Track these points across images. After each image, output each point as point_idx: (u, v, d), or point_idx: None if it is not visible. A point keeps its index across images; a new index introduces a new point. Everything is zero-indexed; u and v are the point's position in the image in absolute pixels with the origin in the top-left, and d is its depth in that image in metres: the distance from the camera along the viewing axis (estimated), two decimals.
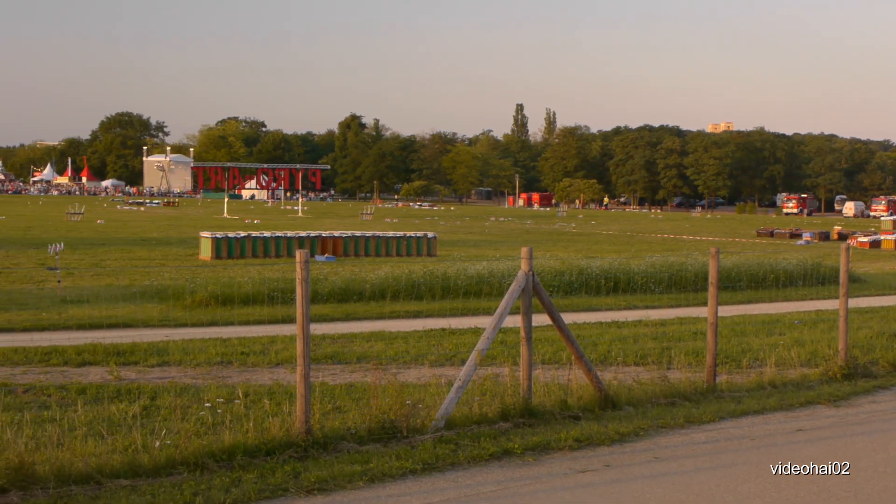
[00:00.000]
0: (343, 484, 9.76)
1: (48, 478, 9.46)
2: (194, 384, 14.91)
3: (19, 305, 24.24)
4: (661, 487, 9.95)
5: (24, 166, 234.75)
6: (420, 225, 79.09)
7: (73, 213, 79.23)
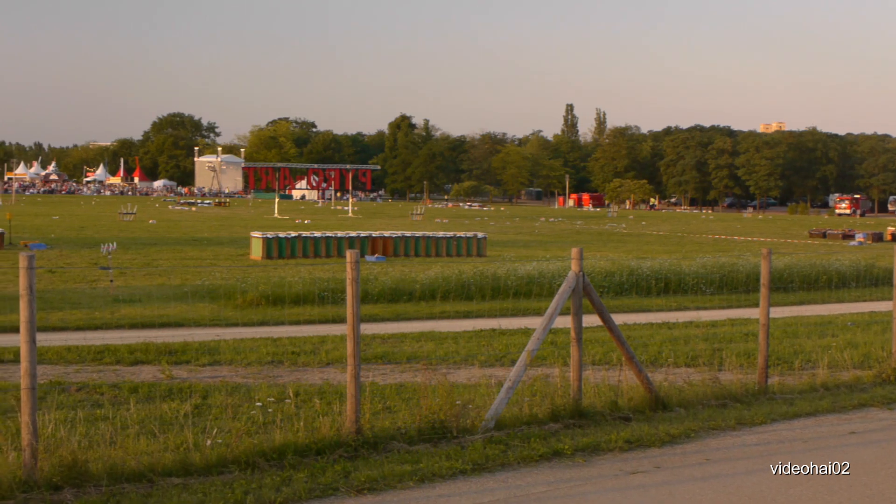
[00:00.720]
0: (393, 484, 9.77)
1: (101, 475, 9.52)
2: (245, 383, 14.99)
3: (73, 304, 24.44)
4: (711, 490, 9.90)
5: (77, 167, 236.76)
6: (470, 225, 79.11)
7: (126, 213, 79.81)
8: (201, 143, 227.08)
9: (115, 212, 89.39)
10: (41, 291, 24.28)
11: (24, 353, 9.45)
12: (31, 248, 43.11)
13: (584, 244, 39.07)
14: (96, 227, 66.46)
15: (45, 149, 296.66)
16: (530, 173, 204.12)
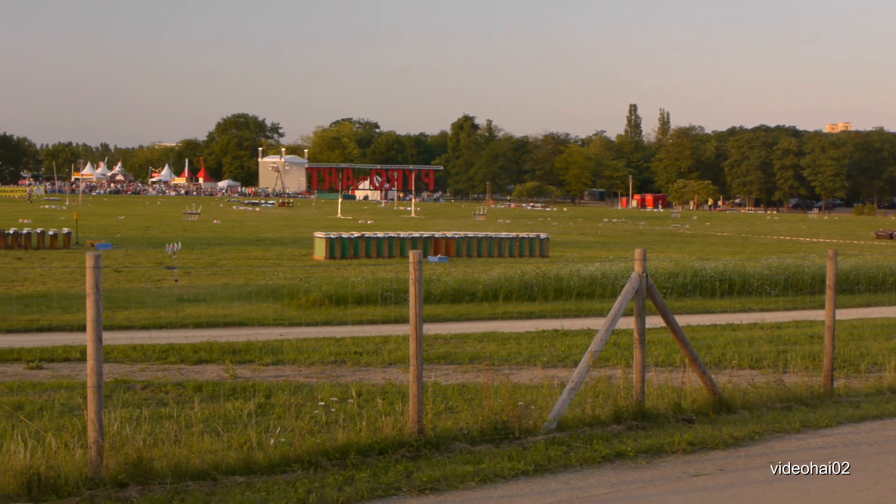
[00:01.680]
0: (455, 484, 9.78)
1: (165, 473, 9.60)
2: (308, 383, 15.06)
3: (138, 304, 24.66)
4: (776, 493, 9.82)
5: (142, 167, 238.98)
6: (532, 226, 79.01)
7: (190, 213, 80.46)
8: (265, 144, 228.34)
9: (179, 212, 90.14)
10: (107, 291, 24.51)
11: (91, 351, 9.55)
12: (97, 247, 43.59)
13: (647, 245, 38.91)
14: (161, 227, 67.05)
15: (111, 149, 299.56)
16: (593, 174, 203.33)
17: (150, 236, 54.74)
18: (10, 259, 38.08)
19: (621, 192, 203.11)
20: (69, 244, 44.29)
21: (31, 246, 43.38)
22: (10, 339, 18.96)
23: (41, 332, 20.19)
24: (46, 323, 21.13)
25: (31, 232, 44.45)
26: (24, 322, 21.06)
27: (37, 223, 60.03)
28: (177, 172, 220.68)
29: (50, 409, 12.94)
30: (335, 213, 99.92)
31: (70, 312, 22.14)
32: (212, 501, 9.12)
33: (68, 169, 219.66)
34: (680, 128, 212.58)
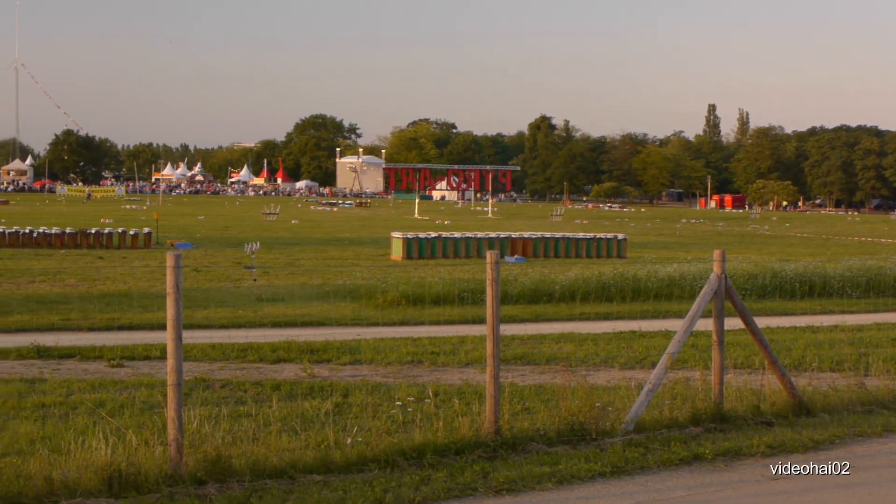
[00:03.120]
0: (532, 485, 9.76)
1: (244, 471, 9.68)
2: (385, 382, 15.10)
3: (217, 303, 24.87)
4: (856, 497, 9.70)
5: (222, 168, 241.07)
6: (610, 226, 78.68)
7: (269, 213, 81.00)
8: (343, 145, 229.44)
9: (258, 212, 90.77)
10: (187, 290, 24.74)
11: (171, 350, 9.65)
12: (177, 247, 44.02)
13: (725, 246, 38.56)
14: (240, 226, 67.59)
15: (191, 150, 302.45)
16: (671, 174, 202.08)
17: (229, 236, 55.18)
18: (93, 258, 38.58)
19: (699, 192, 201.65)
20: (150, 244, 44.77)
21: (113, 245, 43.91)
22: (92, 338, 19.20)
23: (122, 331, 20.44)
24: (127, 321, 21.38)
25: (112, 232, 45.00)
26: (105, 320, 21.32)
27: (118, 223, 60.76)
28: (255, 173, 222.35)
29: (131, 407, 13.09)
30: (412, 213, 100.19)
31: (150, 311, 22.38)
32: (289, 500, 9.18)
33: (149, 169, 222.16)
34: (759, 128, 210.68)
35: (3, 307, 23.15)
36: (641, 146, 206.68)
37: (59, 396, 13.76)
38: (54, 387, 14.53)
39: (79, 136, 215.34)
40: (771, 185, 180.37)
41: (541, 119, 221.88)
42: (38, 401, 13.46)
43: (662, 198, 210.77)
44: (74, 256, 39.34)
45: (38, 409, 13.00)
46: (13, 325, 20.47)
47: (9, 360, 16.96)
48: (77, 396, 13.79)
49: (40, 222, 54.37)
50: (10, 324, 20.67)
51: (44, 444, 10.90)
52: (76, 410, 12.89)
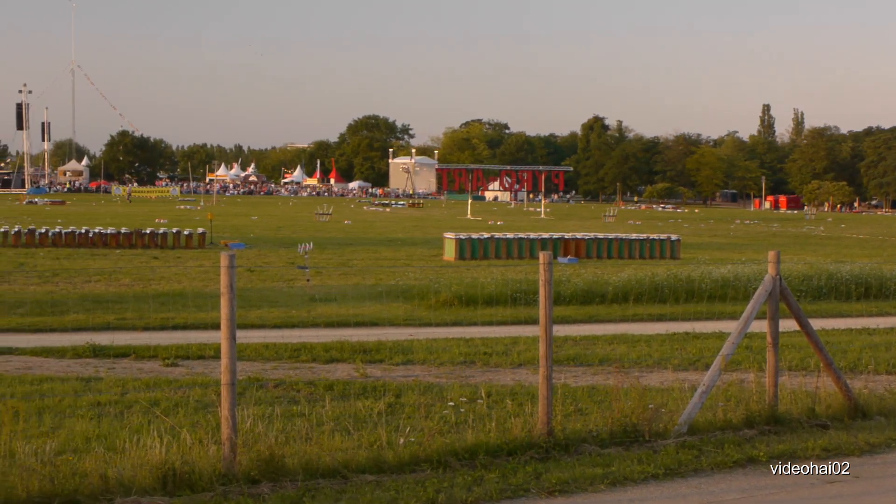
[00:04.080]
0: (584, 486, 9.75)
1: (297, 470, 9.72)
2: (438, 383, 15.11)
3: (270, 303, 24.99)
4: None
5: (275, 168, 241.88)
6: (663, 227, 78.30)
7: (322, 213, 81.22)
8: (396, 145, 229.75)
9: (311, 212, 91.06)
10: (241, 290, 24.88)
11: (225, 349, 9.71)
12: (231, 247, 44.28)
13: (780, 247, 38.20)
14: (293, 227, 67.86)
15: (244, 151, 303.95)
16: (725, 175, 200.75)
17: (283, 236, 55.42)
18: (147, 258, 38.90)
19: (754, 193, 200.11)
20: (204, 244, 45.07)
21: (167, 245, 44.27)
22: (147, 337, 19.35)
23: (176, 330, 20.59)
24: (182, 321, 21.54)
25: (167, 232, 45.36)
26: (160, 320, 21.48)
27: (172, 223, 61.19)
28: (308, 173, 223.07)
29: (185, 406, 13.18)
30: (465, 213, 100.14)
31: (204, 311, 22.52)
32: (342, 499, 9.21)
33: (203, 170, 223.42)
34: (814, 128, 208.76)
35: (60, 306, 23.39)
36: (695, 146, 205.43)
37: (114, 395, 13.88)
38: (110, 385, 14.67)
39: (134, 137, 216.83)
40: (826, 186, 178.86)
41: (594, 119, 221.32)
42: (94, 399, 13.60)
43: (716, 199, 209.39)
44: (129, 256, 39.69)
45: (94, 408, 13.13)
46: (69, 325, 20.67)
47: (65, 358, 17.14)
48: (132, 395, 13.91)
49: (96, 222, 54.86)
50: (66, 323, 20.87)
51: (99, 442, 11.01)
52: (131, 409, 13.02)
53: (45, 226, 48.94)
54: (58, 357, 17.26)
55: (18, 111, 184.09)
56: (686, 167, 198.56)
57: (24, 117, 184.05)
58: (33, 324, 20.80)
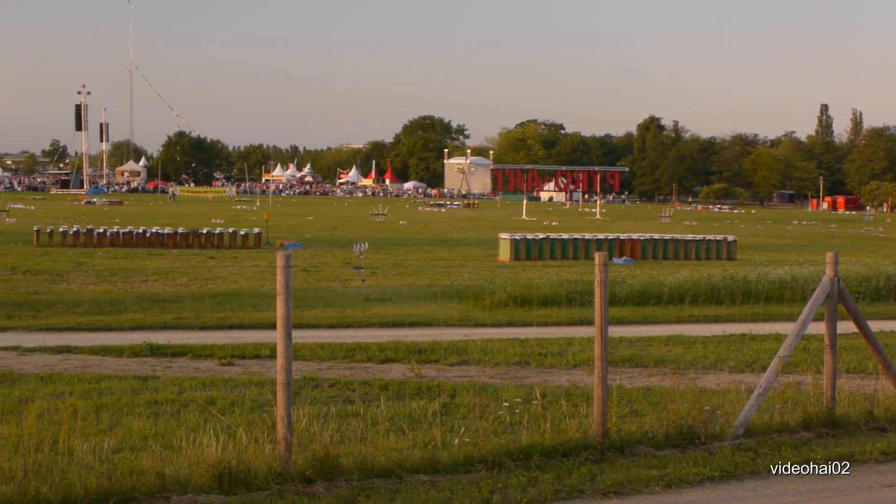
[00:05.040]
0: (639, 488, 9.71)
1: (351, 470, 9.75)
2: (492, 383, 15.10)
3: (326, 303, 25.08)
4: None
5: (331, 168, 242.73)
6: (720, 228, 77.81)
7: (377, 213, 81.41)
8: (451, 146, 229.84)
9: (366, 212, 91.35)
10: (296, 290, 24.98)
11: (281, 349, 9.75)
12: (287, 247, 44.47)
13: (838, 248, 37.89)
14: (349, 227, 68.08)
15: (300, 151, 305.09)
16: (782, 175, 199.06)
17: (338, 236, 55.61)
18: (204, 258, 39.17)
19: (811, 193, 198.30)
20: (259, 244, 45.31)
21: (224, 245, 44.58)
22: (204, 336, 19.47)
23: (233, 330, 20.71)
24: (238, 320, 21.66)
25: (223, 232, 45.68)
26: (216, 319, 21.61)
27: (229, 223, 61.58)
28: (364, 174, 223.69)
29: (241, 405, 13.25)
30: (520, 214, 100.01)
31: (260, 310, 22.63)
32: (397, 499, 9.23)
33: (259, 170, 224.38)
34: (873, 128, 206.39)
35: (118, 306, 23.59)
36: (752, 147, 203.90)
37: (171, 394, 13.99)
38: (166, 384, 14.78)
39: (191, 138, 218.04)
40: (885, 187, 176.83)
41: (650, 119, 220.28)
42: (151, 398, 13.70)
43: (773, 199, 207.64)
44: (186, 256, 39.99)
45: (151, 406, 13.24)
46: (127, 324, 20.85)
47: (123, 357, 17.29)
48: (188, 394, 14.01)
49: (153, 223, 55.31)
50: (124, 322, 21.06)
51: (156, 440, 11.11)
52: (188, 408, 13.10)
53: (103, 226, 49.42)
54: (116, 356, 17.42)
55: (77, 112, 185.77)
56: (743, 168, 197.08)
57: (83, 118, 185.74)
58: (91, 323, 21.00)
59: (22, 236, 48.44)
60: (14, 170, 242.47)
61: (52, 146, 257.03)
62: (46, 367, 16.33)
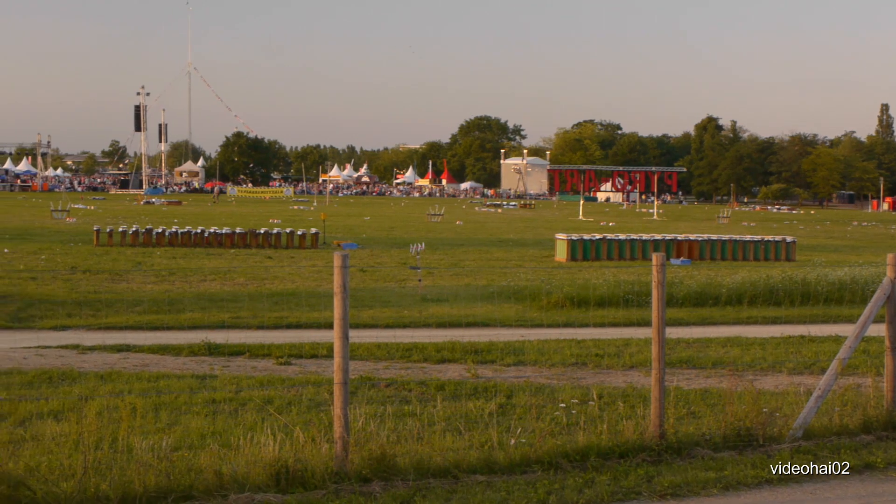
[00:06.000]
0: (696, 490, 9.66)
1: (408, 470, 9.77)
2: (549, 384, 15.07)
3: (383, 303, 25.12)
4: None
5: (387, 169, 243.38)
6: (778, 229, 77.24)
7: (434, 214, 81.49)
8: (507, 146, 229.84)
9: (423, 213, 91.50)
10: (353, 290, 25.07)
11: (338, 349, 9.78)
12: (344, 247, 44.63)
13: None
14: (405, 227, 68.19)
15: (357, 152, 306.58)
16: (842, 176, 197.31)
17: (395, 237, 55.71)
18: (261, 258, 39.37)
19: (871, 194, 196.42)
20: (317, 244, 45.47)
21: (281, 245, 44.78)
22: (261, 336, 19.57)
23: (290, 329, 20.79)
24: (295, 320, 21.74)
25: (280, 232, 45.87)
26: (274, 319, 21.70)
27: (286, 223, 61.89)
28: (420, 174, 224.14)
29: (298, 404, 13.30)
30: (576, 214, 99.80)
31: (317, 310, 22.70)
32: (453, 499, 9.24)
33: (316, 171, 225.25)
34: None
35: (177, 305, 23.77)
36: (811, 147, 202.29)
37: (228, 393, 14.07)
38: (224, 383, 14.87)
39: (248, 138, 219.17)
40: None
41: (707, 119, 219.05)
42: (209, 396, 13.79)
43: (833, 200, 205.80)
44: (244, 256, 40.22)
45: (209, 405, 13.31)
46: (185, 323, 21.00)
47: (181, 356, 17.41)
48: (246, 393, 14.08)
49: (211, 223, 55.70)
50: (182, 321, 21.21)
51: (214, 439, 11.17)
52: (245, 407, 13.18)
53: (161, 226, 49.87)
54: (174, 354, 17.54)
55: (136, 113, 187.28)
56: (802, 168, 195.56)
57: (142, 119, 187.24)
58: (150, 322, 21.16)
59: (82, 236, 48.94)
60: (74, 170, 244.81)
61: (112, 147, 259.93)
62: (106, 365, 16.48)
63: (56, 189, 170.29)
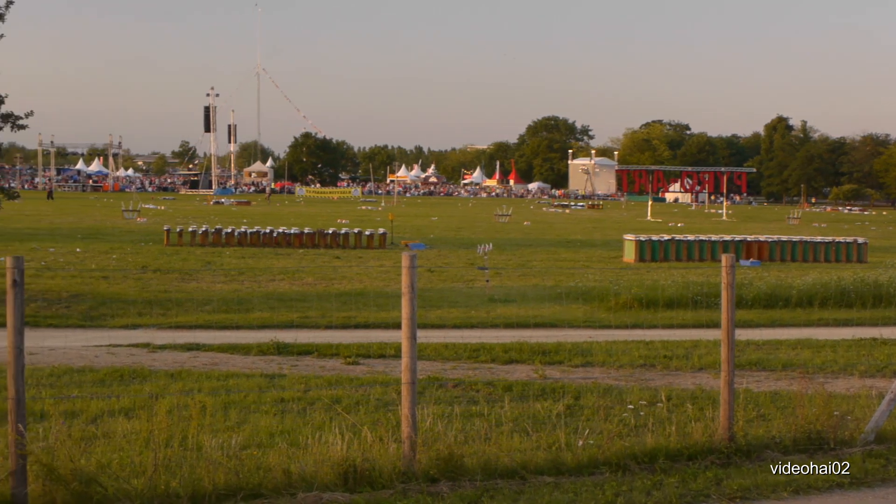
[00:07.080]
0: (766, 494, 9.59)
1: (475, 470, 9.77)
2: (617, 385, 15.01)
3: (450, 303, 25.14)
4: None
5: (455, 169, 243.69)
6: (849, 230, 76.40)
7: (501, 214, 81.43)
8: (575, 146, 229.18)
9: (490, 213, 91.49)
10: (421, 290, 25.10)
11: (405, 349, 9.80)
12: (411, 247, 44.75)
13: None
14: (473, 227, 68.20)
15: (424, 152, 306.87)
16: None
17: (462, 237, 55.74)
18: (330, 258, 39.54)
19: None
20: (384, 244, 45.60)
21: (349, 245, 44.97)
22: (330, 335, 19.66)
23: (358, 329, 20.88)
24: (363, 320, 21.83)
25: (348, 232, 46.07)
26: (342, 319, 21.80)
27: (354, 223, 62.14)
28: (488, 174, 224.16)
29: (365, 404, 13.35)
30: (645, 215, 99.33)
31: (385, 310, 22.77)
32: (520, 500, 9.23)
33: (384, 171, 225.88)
34: None
35: (246, 304, 23.94)
36: (883, 147, 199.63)
37: (297, 392, 14.14)
38: (293, 382, 14.95)
39: (317, 139, 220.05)
40: None
41: (777, 119, 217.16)
42: (278, 396, 13.88)
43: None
44: (312, 256, 40.41)
45: (278, 404, 13.39)
46: (255, 322, 21.16)
47: (250, 355, 17.54)
48: (314, 392, 14.15)
49: (280, 223, 56.06)
50: (251, 321, 21.37)
51: (282, 437, 11.24)
52: (313, 406, 13.24)
53: (231, 226, 50.26)
54: (243, 354, 17.68)
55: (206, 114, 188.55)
56: (874, 168, 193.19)
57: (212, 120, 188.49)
58: (220, 321, 21.34)
59: (153, 236, 49.45)
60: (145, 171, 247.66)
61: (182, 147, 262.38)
62: (176, 364, 16.64)
63: (127, 189, 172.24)
